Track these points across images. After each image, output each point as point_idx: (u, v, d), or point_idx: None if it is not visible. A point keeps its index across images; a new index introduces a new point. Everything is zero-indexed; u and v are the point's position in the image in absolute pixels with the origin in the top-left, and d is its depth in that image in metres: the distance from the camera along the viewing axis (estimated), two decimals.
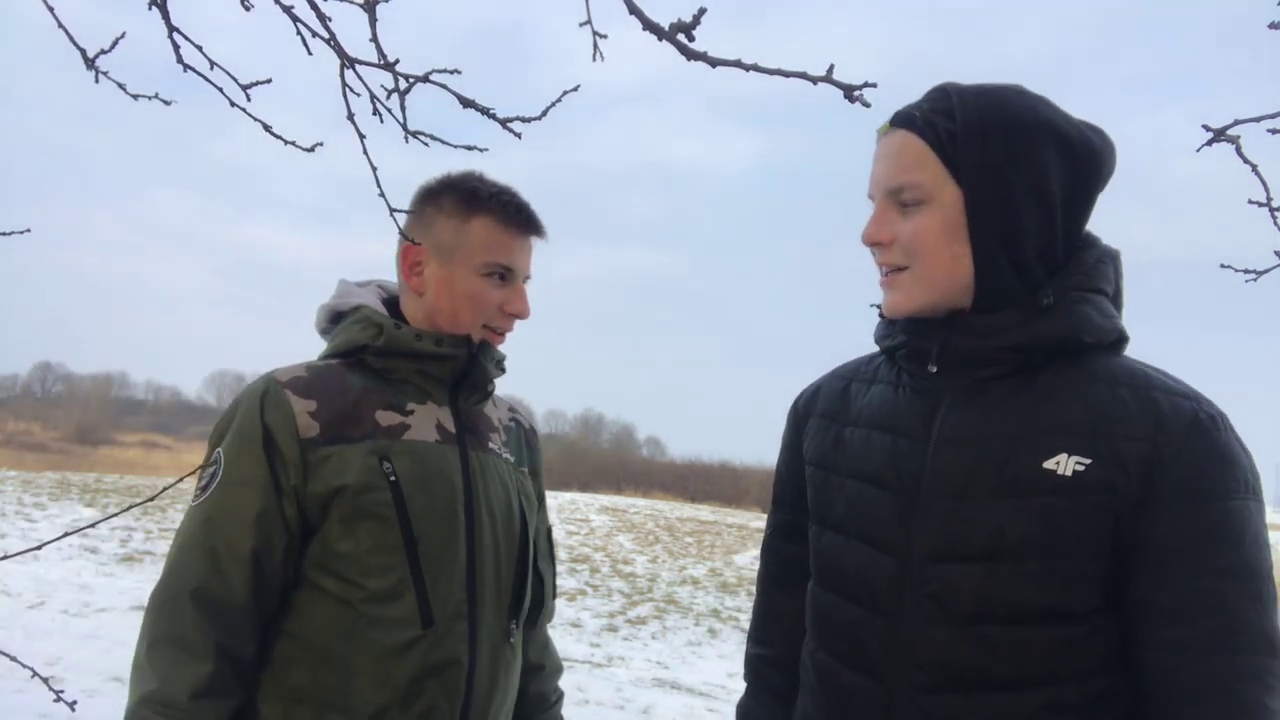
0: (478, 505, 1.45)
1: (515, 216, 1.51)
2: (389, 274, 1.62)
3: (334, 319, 1.55)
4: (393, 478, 1.38)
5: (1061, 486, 1.09)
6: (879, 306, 1.29)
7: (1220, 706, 1.02)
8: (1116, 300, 1.21)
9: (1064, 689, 1.10)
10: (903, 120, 1.21)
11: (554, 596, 1.70)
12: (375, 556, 1.35)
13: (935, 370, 1.20)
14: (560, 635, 7.99)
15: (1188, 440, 1.07)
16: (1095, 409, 1.11)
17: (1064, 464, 1.09)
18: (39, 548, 0.80)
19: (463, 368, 1.50)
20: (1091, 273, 1.17)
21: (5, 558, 0.80)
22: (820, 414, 1.37)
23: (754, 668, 1.47)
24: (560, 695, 1.74)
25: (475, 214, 1.50)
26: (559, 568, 11.49)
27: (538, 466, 1.69)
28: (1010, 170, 1.15)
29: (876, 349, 1.35)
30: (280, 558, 1.36)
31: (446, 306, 1.50)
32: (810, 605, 1.32)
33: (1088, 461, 1.08)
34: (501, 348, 1.60)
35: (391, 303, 1.57)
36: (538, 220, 1.54)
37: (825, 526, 1.29)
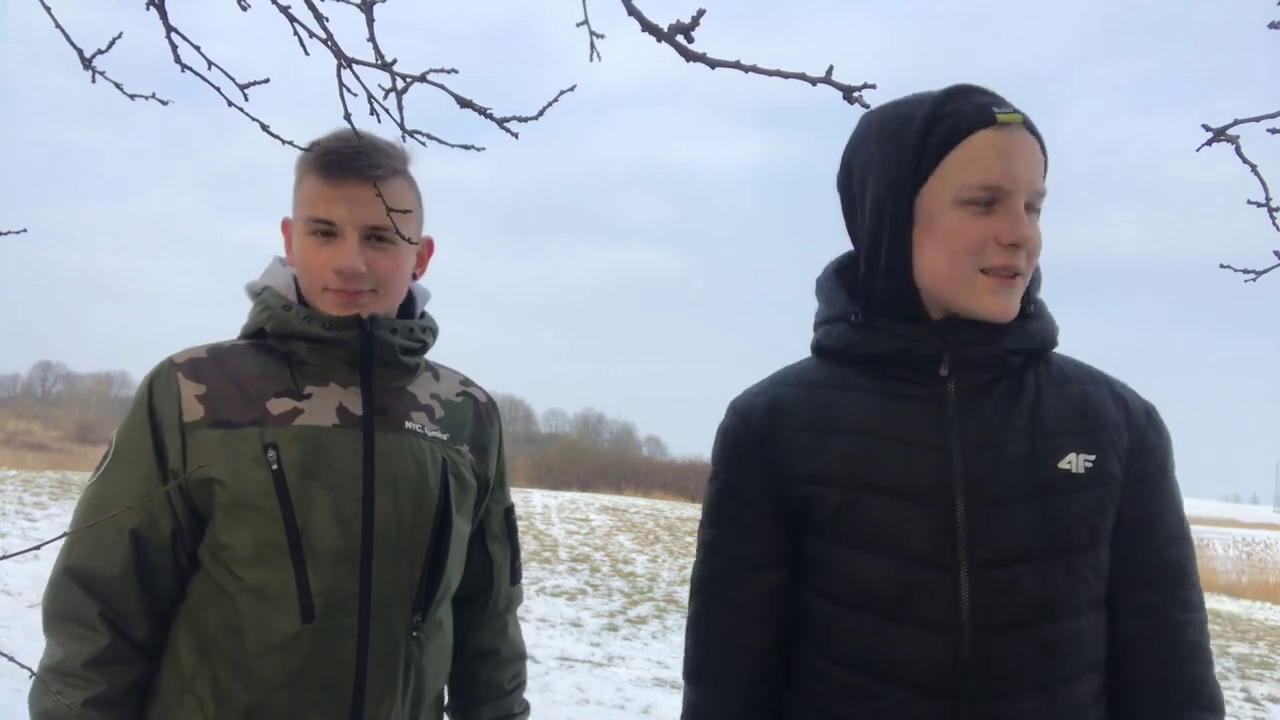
0: (378, 491, 1.36)
1: (326, 165, 1.36)
2: None
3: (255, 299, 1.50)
4: (275, 466, 1.31)
5: (1078, 484, 1.16)
6: (855, 314, 1.24)
7: (1183, 656, 1.18)
8: None
9: (1098, 675, 1.18)
10: (1026, 124, 1.18)
11: (515, 580, 1.63)
12: (256, 549, 1.31)
13: (945, 375, 1.19)
14: (560, 635, 7.99)
15: (1146, 425, 1.22)
16: (1083, 407, 1.20)
17: (1075, 463, 1.18)
18: (38, 547, 0.79)
19: (361, 347, 1.40)
20: (1038, 282, 1.26)
21: (5, 557, 0.80)
22: (797, 427, 1.24)
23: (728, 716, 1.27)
24: (520, 683, 1.63)
25: (299, 172, 1.42)
26: (559, 566, 11.49)
27: (487, 442, 1.55)
28: None
29: (807, 356, 1.33)
30: (168, 541, 1.33)
31: (301, 278, 1.44)
32: (837, 632, 1.21)
33: (1093, 458, 1.17)
34: (434, 315, 1.53)
35: None
36: (355, 163, 1.35)
37: (845, 545, 1.19)
